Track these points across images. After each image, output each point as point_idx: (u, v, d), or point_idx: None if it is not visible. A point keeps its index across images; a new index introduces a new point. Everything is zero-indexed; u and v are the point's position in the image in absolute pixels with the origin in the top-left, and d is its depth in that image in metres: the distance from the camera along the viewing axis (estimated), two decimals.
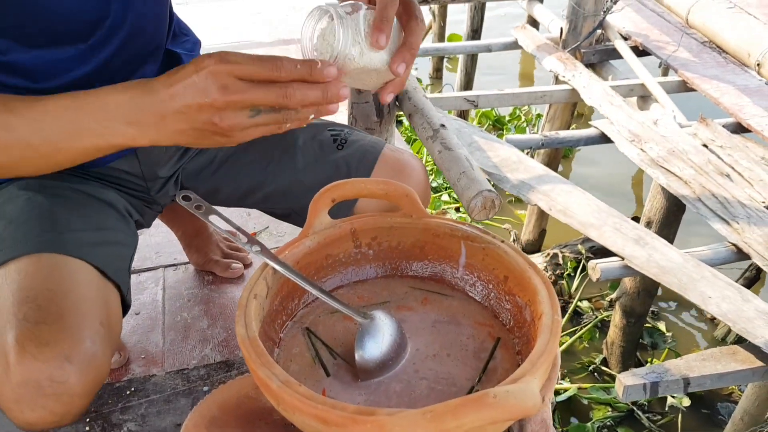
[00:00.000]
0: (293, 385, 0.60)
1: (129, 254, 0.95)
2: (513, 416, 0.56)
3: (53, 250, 0.81)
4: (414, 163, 1.06)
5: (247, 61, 0.66)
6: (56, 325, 0.73)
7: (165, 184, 1.06)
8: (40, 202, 0.88)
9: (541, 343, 0.65)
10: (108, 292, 0.85)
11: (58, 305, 0.75)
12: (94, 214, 0.92)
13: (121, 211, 0.98)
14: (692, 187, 2.22)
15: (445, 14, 4.72)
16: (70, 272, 0.80)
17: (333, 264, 0.84)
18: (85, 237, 0.87)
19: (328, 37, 0.71)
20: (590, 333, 2.95)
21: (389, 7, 0.72)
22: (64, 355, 0.72)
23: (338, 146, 1.05)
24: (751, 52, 2.29)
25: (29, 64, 0.85)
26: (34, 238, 0.83)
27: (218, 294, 1.32)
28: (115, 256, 0.90)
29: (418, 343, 0.76)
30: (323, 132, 1.07)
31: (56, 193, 0.91)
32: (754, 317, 1.77)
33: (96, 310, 0.79)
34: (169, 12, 1.01)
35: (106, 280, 0.85)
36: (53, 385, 0.71)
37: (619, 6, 3.18)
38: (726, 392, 2.74)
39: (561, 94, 2.84)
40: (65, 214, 0.88)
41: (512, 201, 3.73)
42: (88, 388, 0.74)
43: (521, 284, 0.76)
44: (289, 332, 0.79)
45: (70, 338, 0.73)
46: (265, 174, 1.06)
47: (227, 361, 1.16)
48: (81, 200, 0.93)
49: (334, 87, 0.69)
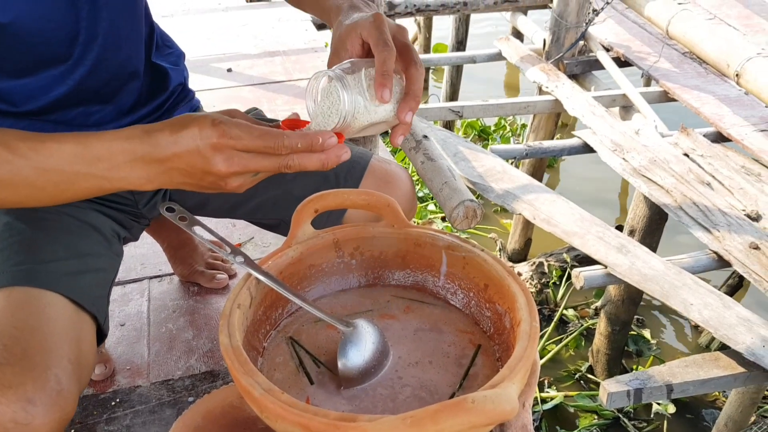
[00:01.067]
0: (276, 393, 0.61)
1: (109, 279, 0.95)
2: (491, 421, 0.57)
3: (26, 284, 0.82)
4: (401, 174, 1.08)
5: (248, 137, 0.68)
6: (19, 366, 0.73)
7: (153, 198, 1.07)
8: (20, 228, 0.88)
9: (519, 349, 0.66)
10: (81, 325, 0.85)
11: (23, 344, 0.75)
12: (77, 240, 0.92)
13: (106, 234, 0.98)
14: (674, 195, 2.26)
15: (430, 26, 4.76)
16: (41, 307, 0.80)
17: (316, 274, 0.85)
18: (63, 267, 0.87)
19: (334, 101, 0.72)
20: (576, 341, 2.97)
21: (388, 60, 0.72)
22: (27, 397, 0.72)
23: None
24: (730, 63, 2.33)
25: (10, 89, 0.86)
26: (9, 269, 0.83)
27: (203, 305, 1.32)
28: (93, 284, 0.90)
29: (401, 350, 0.77)
30: None
31: (39, 217, 0.91)
32: (736, 324, 1.80)
33: (65, 346, 0.79)
34: (150, 25, 1.02)
35: (81, 312, 0.85)
36: (17, 427, 0.71)
37: (601, 17, 3.23)
38: (710, 399, 2.76)
39: (544, 105, 2.87)
40: (45, 242, 0.88)
41: (498, 210, 3.76)
42: (53, 427, 0.74)
43: (501, 292, 0.77)
44: (272, 341, 0.80)
45: (34, 380, 0.73)
46: (255, 186, 1.06)
47: (212, 372, 1.16)
48: (64, 225, 0.93)
49: (334, 155, 0.71)
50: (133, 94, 0.99)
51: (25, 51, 0.85)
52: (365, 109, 0.73)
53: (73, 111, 0.93)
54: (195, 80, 1.31)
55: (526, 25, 3.45)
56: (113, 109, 0.97)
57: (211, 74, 2.49)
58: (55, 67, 0.88)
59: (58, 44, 0.87)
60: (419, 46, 4.86)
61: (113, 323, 1.28)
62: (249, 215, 1.11)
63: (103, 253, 0.95)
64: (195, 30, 3.06)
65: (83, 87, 0.91)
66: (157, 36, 1.05)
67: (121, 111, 0.98)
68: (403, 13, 3.07)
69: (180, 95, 1.10)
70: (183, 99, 1.11)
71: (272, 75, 2.49)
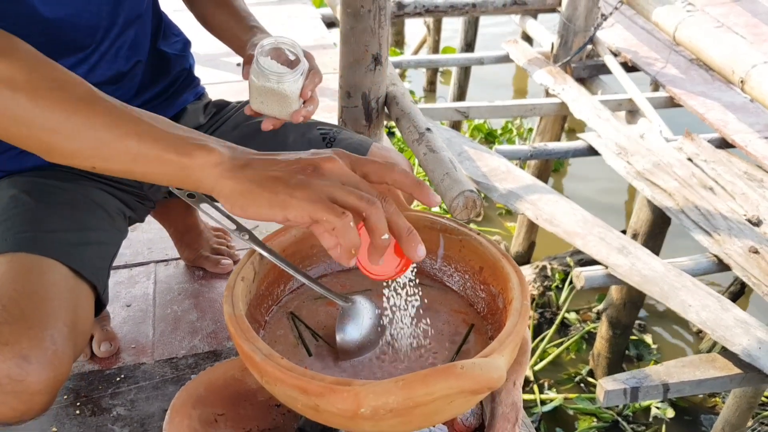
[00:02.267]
0: (275, 358, 0.64)
1: (111, 253, 0.98)
2: (479, 386, 0.60)
3: (28, 250, 0.84)
4: (400, 160, 1.11)
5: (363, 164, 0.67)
6: (17, 326, 0.76)
7: None
8: (25, 200, 0.92)
9: (509, 324, 0.69)
10: (80, 292, 0.87)
11: (22, 306, 0.78)
12: (79, 215, 0.95)
13: (109, 211, 1.01)
14: (676, 199, 2.28)
15: (439, 28, 4.79)
16: (41, 273, 0.83)
17: (318, 253, 0.88)
18: (65, 237, 0.90)
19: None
20: (577, 344, 2.98)
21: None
22: (23, 354, 0.75)
23: (327, 144, 1.09)
24: (735, 70, 2.34)
25: None
26: (12, 236, 0.86)
27: (208, 288, 1.35)
28: (95, 256, 0.92)
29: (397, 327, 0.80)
30: (312, 131, 1.11)
31: (45, 191, 0.94)
32: (733, 325, 1.82)
33: (61, 310, 0.81)
34: (158, 14, 1.06)
35: (80, 281, 0.88)
36: (12, 383, 0.74)
37: (610, 22, 3.25)
38: (709, 404, 2.77)
39: (550, 107, 2.90)
40: (49, 214, 0.91)
41: (502, 213, 3.78)
42: (48, 385, 0.77)
43: (495, 274, 0.80)
44: (274, 316, 0.83)
45: (30, 338, 0.76)
46: None
47: (215, 351, 1.19)
48: (68, 200, 0.96)
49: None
50: (136, 79, 1.03)
51: (56, 40, 0.89)
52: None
53: None
54: (205, 74, 1.35)
55: (535, 29, 3.47)
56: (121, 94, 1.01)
57: (221, 68, 2.53)
58: (75, 55, 0.93)
59: (85, 33, 0.92)
60: (428, 47, 4.89)
61: (119, 304, 1.31)
62: None
63: (105, 228, 0.98)
64: None
65: (94, 73, 0.95)
66: (165, 25, 1.09)
67: (127, 95, 1.02)
68: (412, 14, 3.10)
69: (185, 81, 1.13)
70: (188, 85, 1.14)
71: None
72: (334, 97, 1.94)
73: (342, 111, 1.61)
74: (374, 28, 1.49)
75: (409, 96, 1.54)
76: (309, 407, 0.63)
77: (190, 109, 1.13)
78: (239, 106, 1.18)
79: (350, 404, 0.59)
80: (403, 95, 1.49)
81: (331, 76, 2.50)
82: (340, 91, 1.65)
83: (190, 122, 1.12)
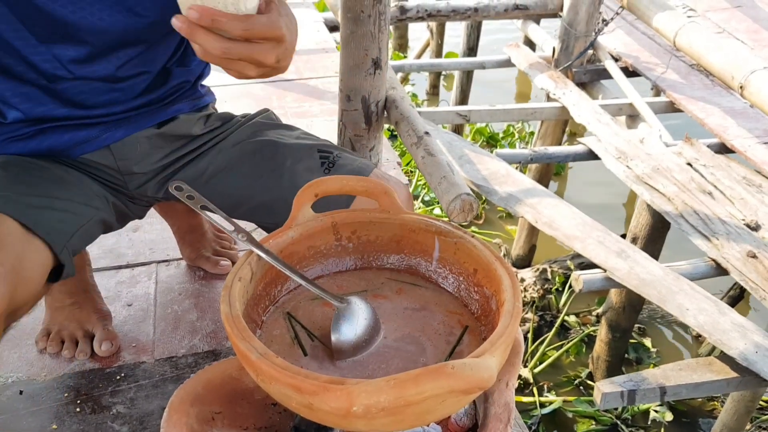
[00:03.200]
0: (271, 357, 0.66)
1: (77, 223, 0.98)
2: (469, 386, 0.61)
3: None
4: (399, 189, 1.11)
5: None
6: None
7: (145, 183, 1.12)
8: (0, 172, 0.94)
9: (501, 325, 0.70)
10: (28, 245, 0.88)
11: None
12: (48, 185, 0.97)
13: (85, 190, 1.03)
14: (675, 203, 2.29)
15: (443, 32, 4.80)
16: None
17: (314, 255, 0.90)
18: (23, 199, 0.91)
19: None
20: (577, 347, 2.99)
21: None
22: None
23: (325, 170, 1.09)
24: (734, 75, 2.35)
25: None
26: None
27: (208, 289, 1.37)
28: (54, 219, 0.94)
29: (392, 327, 0.82)
30: (313, 154, 1.11)
31: (18, 165, 0.97)
32: (730, 329, 1.83)
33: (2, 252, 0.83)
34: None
35: (31, 236, 0.89)
36: None
37: (611, 27, 3.26)
38: (708, 408, 2.78)
39: (551, 111, 2.91)
40: (14, 183, 0.94)
41: (503, 216, 3.79)
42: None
43: (488, 276, 0.81)
44: (271, 316, 0.85)
45: None
46: (253, 189, 1.11)
47: (214, 351, 1.21)
48: (43, 174, 0.98)
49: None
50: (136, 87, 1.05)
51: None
52: None
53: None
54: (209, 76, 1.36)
55: (537, 34, 3.49)
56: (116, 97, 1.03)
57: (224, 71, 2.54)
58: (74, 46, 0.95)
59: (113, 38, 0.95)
60: (431, 51, 4.91)
61: (121, 303, 1.33)
62: (247, 216, 1.15)
63: (75, 201, 0.99)
64: None
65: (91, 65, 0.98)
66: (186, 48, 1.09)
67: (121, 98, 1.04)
68: (415, 18, 3.11)
69: (184, 93, 1.14)
70: (187, 97, 1.14)
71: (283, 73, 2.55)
72: (335, 100, 1.96)
73: (342, 114, 1.62)
74: (374, 32, 1.50)
75: (408, 100, 1.55)
76: (303, 405, 0.64)
77: (183, 118, 1.13)
78: (243, 121, 1.18)
79: (343, 403, 0.61)
80: (403, 99, 1.50)
81: (333, 79, 2.52)
82: (340, 94, 1.67)
83: (180, 130, 1.13)
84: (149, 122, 1.08)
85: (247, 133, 1.14)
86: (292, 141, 1.13)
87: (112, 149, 1.07)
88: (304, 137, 1.15)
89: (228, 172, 1.11)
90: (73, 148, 1.04)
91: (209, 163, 1.12)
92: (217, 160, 1.12)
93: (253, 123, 1.17)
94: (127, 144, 1.07)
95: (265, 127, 1.16)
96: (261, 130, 1.15)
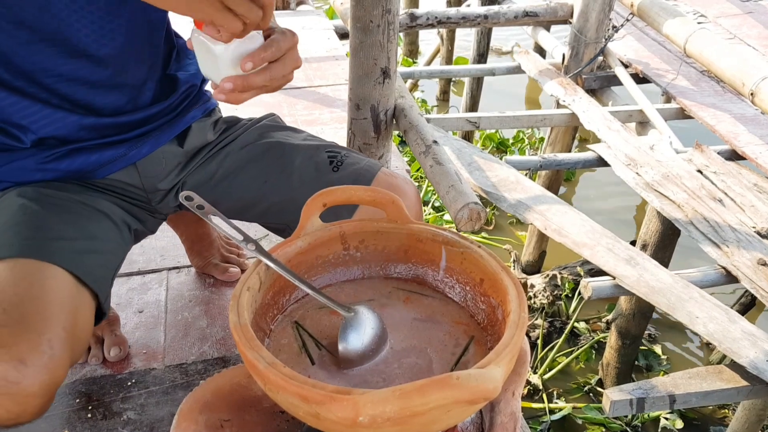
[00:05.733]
0: (278, 366, 0.67)
1: (115, 263, 1.01)
2: (474, 396, 0.61)
3: (33, 256, 0.87)
4: (406, 188, 1.12)
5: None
6: (16, 329, 0.79)
7: (166, 196, 1.13)
8: (33, 209, 0.94)
9: (507, 336, 0.71)
10: (81, 299, 0.90)
11: (22, 309, 0.80)
12: (87, 224, 0.98)
13: (116, 222, 1.04)
14: (685, 210, 2.28)
15: (453, 38, 4.81)
16: (44, 278, 0.86)
17: (322, 264, 0.91)
18: (71, 245, 0.92)
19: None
20: (587, 354, 2.99)
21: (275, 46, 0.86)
22: (20, 357, 0.77)
23: (334, 168, 1.10)
24: (745, 82, 2.35)
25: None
26: (19, 243, 0.89)
27: (218, 296, 1.38)
28: (98, 265, 0.95)
29: (398, 337, 0.82)
30: (321, 153, 1.12)
31: (53, 202, 0.97)
32: (740, 338, 1.82)
33: (61, 315, 0.84)
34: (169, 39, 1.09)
35: (82, 288, 0.91)
36: (7, 385, 0.77)
37: (621, 34, 3.26)
38: (719, 416, 2.77)
39: (561, 118, 2.91)
40: (56, 223, 0.94)
41: (513, 222, 3.79)
42: (43, 389, 0.79)
43: (495, 286, 0.82)
44: (279, 325, 0.86)
45: (28, 342, 0.78)
46: (262, 191, 1.12)
47: (224, 358, 1.22)
48: (77, 209, 0.99)
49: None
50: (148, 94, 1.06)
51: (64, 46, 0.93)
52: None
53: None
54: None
55: (547, 40, 3.49)
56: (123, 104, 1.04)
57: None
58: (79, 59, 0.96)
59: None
60: (441, 58, 4.92)
61: (132, 310, 1.34)
62: (258, 218, 1.16)
63: (111, 239, 1.01)
64: None
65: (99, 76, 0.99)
66: (178, 49, 1.11)
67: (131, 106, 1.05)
68: (425, 25, 3.13)
69: (194, 98, 1.15)
70: (197, 102, 1.15)
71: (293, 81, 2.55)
72: (345, 108, 1.97)
73: (351, 123, 1.64)
74: (383, 42, 1.51)
75: (416, 108, 1.56)
76: (310, 414, 0.65)
77: (196, 127, 1.15)
78: (249, 124, 1.19)
79: (349, 412, 0.61)
80: (411, 108, 1.51)
81: (343, 87, 2.53)
82: (349, 103, 1.68)
83: (197, 140, 1.14)
84: (170, 134, 1.09)
85: (254, 136, 1.15)
86: (299, 142, 1.14)
87: (138, 167, 1.08)
88: (310, 138, 1.17)
89: (237, 175, 1.13)
90: (100, 169, 1.05)
91: (218, 167, 1.13)
92: (225, 164, 1.13)
93: (260, 125, 1.18)
94: (152, 160, 1.09)
95: (271, 129, 1.17)
96: (268, 132, 1.16)
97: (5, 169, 0.99)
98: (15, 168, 0.99)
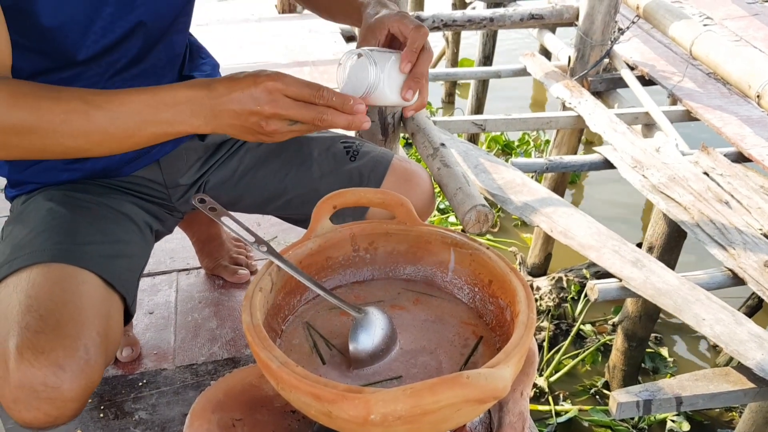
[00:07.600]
0: (291, 366, 0.68)
1: (140, 266, 1.03)
2: (484, 395, 0.62)
3: (65, 261, 0.89)
4: (421, 173, 1.15)
5: (295, 84, 0.78)
6: (53, 335, 0.80)
7: (186, 192, 1.15)
8: (62, 213, 0.96)
9: (516, 336, 0.72)
10: (111, 303, 0.91)
11: (58, 315, 0.82)
12: (113, 227, 1.00)
13: (139, 224, 1.06)
14: (691, 213, 2.28)
15: (458, 41, 4.82)
16: (77, 283, 0.87)
17: (333, 265, 0.92)
18: (100, 249, 0.94)
19: (362, 75, 0.84)
20: (593, 356, 2.99)
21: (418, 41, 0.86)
22: (58, 363, 0.79)
23: (351, 157, 1.13)
24: (751, 84, 2.35)
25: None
26: (50, 247, 0.90)
27: (227, 297, 1.40)
28: (125, 268, 0.97)
29: (408, 337, 0.83)
30: (336, 144, 1.16)
31: (79, 205, 0.99)
32: (747, 340, 1.82)
33: (95, 320, 0.85)
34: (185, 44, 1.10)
35: (111, 291, 0.92)
36: (47, 390, 0.78)
37: (627, 36, 3.26)
38: (726, 418, 2.76)
39: (567, 120, 2.91)
40: (84, 227, 0.96)
41: (518, 225, 3.80)
42: (80, 393, 0.81)
43: (503, 287, 0.83)
44: (290, 325, 0.87)
45: (65, 347, 0.80)
46: (284, 184, 1.15)
47: (234, 358, 1.23)
48: (102, 213, 1.00)
49: (359, 119, 0.82)
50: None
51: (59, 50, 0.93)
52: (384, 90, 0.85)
53: None
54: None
55: (553, 43, 3.49)
56: None
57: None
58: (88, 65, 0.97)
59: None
60: (447, 60, 4.93)
61: (142, 311, 1.36)
62: (279, 210, 1.19)
63: (135, 241, 1.03)
64: (229, 39, 3.16)
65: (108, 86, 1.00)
66: (193, 48, 1.13)
67: None
68: (431, 28, 3.13)
69: None
70: None
71: None
72: None
73: None
74: None
75: (423, 111, 1.57)
76: (322, 413, 0.66)
77: None
78: None
79: (361, 411, 0.62)
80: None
81: None
82: None
83: (212, 138, 1.16)
84: None
85: None
86: (314, 135, 1.16)
87: (161, 163, 1.10)
88: (322, 131, 1.19)
89: (258, 169, 1.15)
90: (125, 166, 1.06)
91: (239, 163, 1.16)
92: (246, 160, 1.15)
93: None
94: (175, 156, 1.11)
95: None
96: None
97: (34, 170, 1.01)
98: (43, 168, 1.01)
